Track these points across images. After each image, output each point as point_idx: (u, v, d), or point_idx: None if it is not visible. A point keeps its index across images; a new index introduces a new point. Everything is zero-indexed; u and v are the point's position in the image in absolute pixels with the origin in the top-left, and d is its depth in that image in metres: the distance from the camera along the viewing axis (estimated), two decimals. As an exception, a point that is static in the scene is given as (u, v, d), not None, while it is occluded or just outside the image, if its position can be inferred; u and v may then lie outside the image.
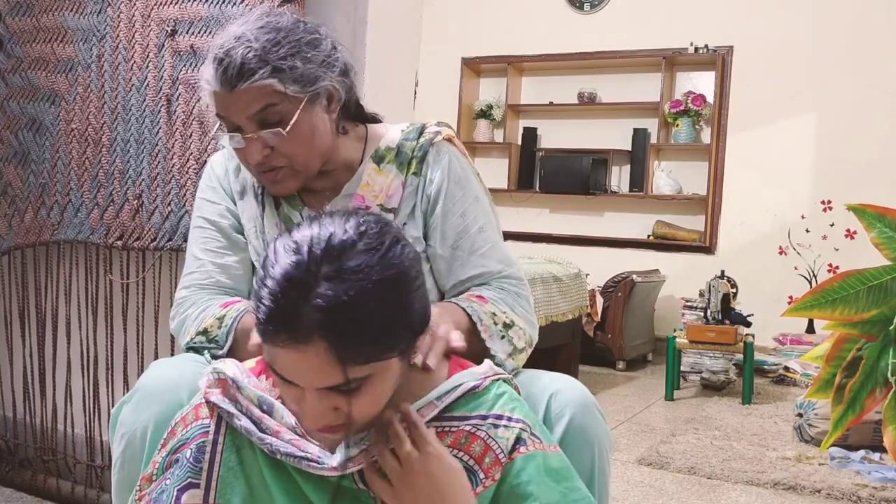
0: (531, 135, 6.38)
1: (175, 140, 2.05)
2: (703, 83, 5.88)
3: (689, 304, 4.85)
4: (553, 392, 1.21)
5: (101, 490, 2.24)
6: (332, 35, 1.31)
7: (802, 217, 5.46)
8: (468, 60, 6.56)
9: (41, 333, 2.36)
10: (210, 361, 1.28)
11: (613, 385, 4.68)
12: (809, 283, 5.19)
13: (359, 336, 0.90)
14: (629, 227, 6.08)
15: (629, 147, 6.03)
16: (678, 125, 5.84)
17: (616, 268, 5.35)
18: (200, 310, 1.35)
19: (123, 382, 2.22)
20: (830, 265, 5.19)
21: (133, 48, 2.11)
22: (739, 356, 4.46)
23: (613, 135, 6.08)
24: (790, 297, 5.22)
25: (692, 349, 4.42)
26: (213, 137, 1.32)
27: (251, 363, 1.13)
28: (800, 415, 3.45)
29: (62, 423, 2.34)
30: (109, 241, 2.14)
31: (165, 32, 2.06)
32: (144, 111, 2.10)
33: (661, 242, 5.93)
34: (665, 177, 5.92)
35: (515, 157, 6.43)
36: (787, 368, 4.74)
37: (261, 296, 0.91)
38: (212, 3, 2.00)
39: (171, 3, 2.05)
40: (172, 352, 2.07)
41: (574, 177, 5.97)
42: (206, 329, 1.31)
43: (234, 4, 1.97)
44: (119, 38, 2.14)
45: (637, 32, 5.94)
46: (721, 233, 5.78)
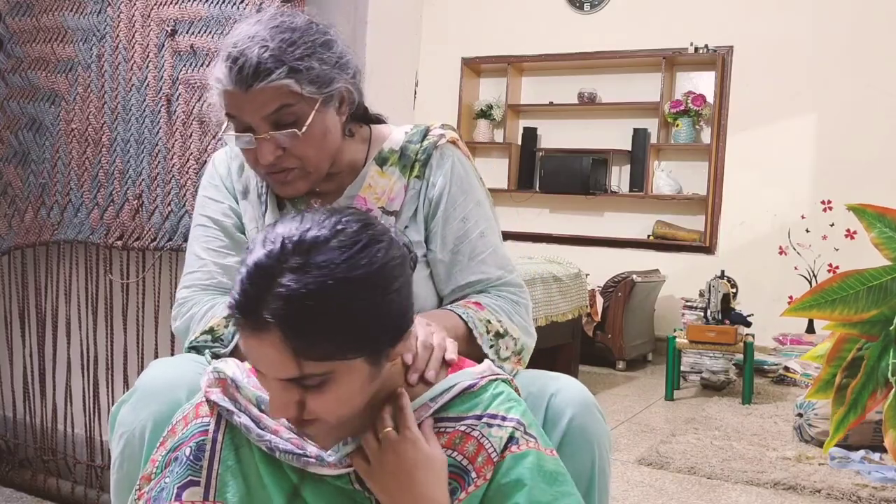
0: (531, 135, 6.37)
1: (175, 140, 2.05)
2: (703, 83, 5.88)
3: (689, 304, 4.85)
4: (553, 392, 1.21)
5: (101, 490, 2.24)
6: (341, 36, 1.30)
7: (802, 217, 5.46)
8: (468, 60, 6.56)
9: (41, 333, 2.37)
10: (210, 361, 1.28)
11: (613, 385, 4.68)
12: (809, 283, 5.19)
13: (314, 331, 0.90)
14: (629, 227, 6.08)
15: (629, 147, 6.03)
16: (678, 125, 5.84)
17: (616, 268, 5.35)
18: (206, 308, 1.34)
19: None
20: (830, 265, 5.19)
21: (133, 48, 2.11)
22: (739, 356, 4.46)
23: (613, 135, 6.07)
24: (790, 297, 5.22)
25: (692, 349, 4.42)
26: (220, 138, 1.30)
27: None
28: (800, 415, 3.45)
29: (62, 423, 2.35)
30: (109, 241, 2.14)
31: (165, 32, 2.06)
32: (144, 111, 2.10)
33: (661, 242, 5.93)
34: (665, 177, 5.92)
35: (515, 157, 6.42)
36: (787, 368, 4.74)
37: (235, 284, 0.93)
38: (212, 3, 2.00)
39: (171, 3, 2.05)
40: (172, 352, 2.07)
41: (574, 177, 5.97)
42: (213, 328, 1.31)
43: (234, 4, 1.97)
44: (119, 38, 2.14)
45: (637, 32, 5.94)
46: (721, 233, 5.78)
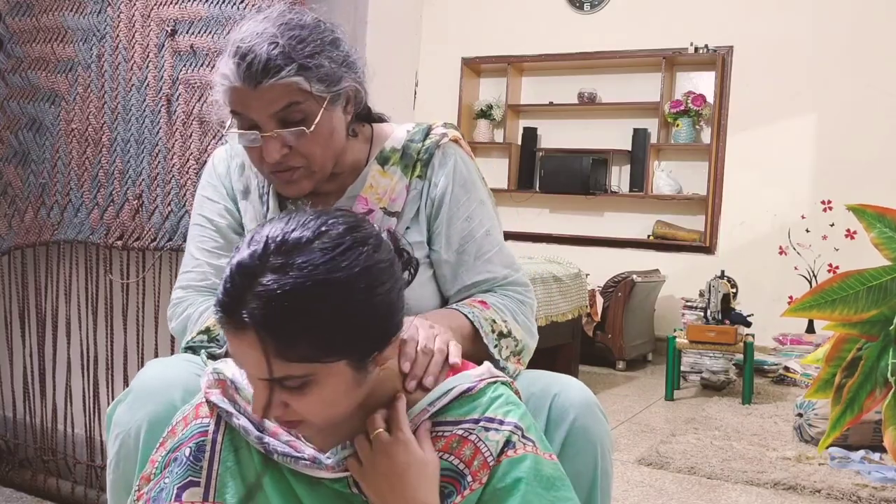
0: (531, 135, 6.37)
1: (175, 140, 2.05)
2: (703, 83, 5.88)
3: (689, 304, 4.85)
4: (555, 393, 1.21)
5: (101, 490, 2.24)
6: (346, 35, 1.30)
7: (802, 217, 5.46)
8: (468, 60, 6.56)
9: (41, 333, 2.36)
10: (205, 361, 1.28)
11: (613, 385, 4.68)
12: (809, 283, 5.19)
13: (291, 332, 0.89)
14: (629, 227, 6.08)
15: (629, 147, 6.03)
16: (678, 125, 5.84)
17: (616, 268, 5.35)
18: (202, 309, 1.34)
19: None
20: (830, 265, 5.19)
21: (133, 48, 2.11)
22: (739, 356, 4.46)
23: (613, 135, 6.07)
24: (790, 297, 5.22)
25: (692, 349, 4.42)
26: (224, 135, 1.29)
27: None
28: (800, 415, 3.45)
29: (62, 423, 2.34)
30: (109, 241, 2.14)
31: (165, 32, 2.06)
32: (144, 111, 2.10)
33: (661, 242, 5.93)
34: (665, 177, 5.92)
35: (515, 157, 6.42)
36: (787, 368, 4.74)
37: (220, 283, 0.93)
38: (212, 3, 1.99)
39: (171, 3, 2.05)
40: (172, 352, 2.07)
41: (574, 177, 5.97)
42: (209, 328, 1.31)
43: (234, 4, 1.97)
44: (119, 38, 2.13)
45: (637, 32, 5.94)
46: (721, 233, 5.78)
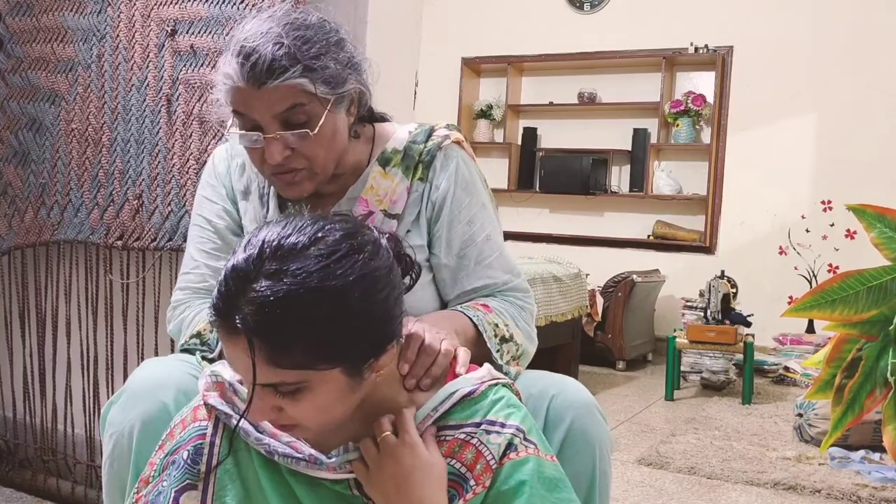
0: (531, 135, 6.37)
1: (175, 140, 2.05)
2: (703, 83, 5.88)
3: (689, 304, 4.85)
4: (554, 394, 1.21)
5: (101, 490, 2.24)
6: (350, 35, 1.28)
7: (802, 217, 5.46)
8: (468, 60, 6.56)
9: (41, 333, 2.36)
10: (200, 362, 1.28)
11: (613, 385, 4.68)
12: (809, 283, 5.19)
13: (284, 339, 0.89)
14: (629, 227, 6.08)
15: (629, 147, 6.03)
16: (678, 125, 5.83)
17: (616, 268, 5.35)
18: (196, 312, 1.35)
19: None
20: (830, 265, 5.19)
21: (133, 48, 2.11)
22: (739, 356, 4.46)
23: (613, 135, 6.07)
24: (790, 297, 5.22)
25: (692, 349, 4.42)
26: (225, 134, 1.29)
27: None
28: (800, 415, 3.45)
29: (62, 423, 2.34)
30: (109, 241, 2.14)
31: (165, 32, 2.06)
32: (144, 111, 2.10)
33: (661, 242, 5.93)
34: (665, 177, 5.91)
35: (515, 157, 6.42)
36: (787, 368, 4.74)
37: (216, 286, 0.93)
38: (212, 3, 1.99)
39: (171, 3, 2.05)
40: (172, 352, 2.07)
41: (574, 177, 5.97)
42: (200, 332, 1.31)
43: (234, 4, 1.97)
44: (119, 38, 2.13)
45: (637, 32, 5.94)
46: (721, 233, 5.78)
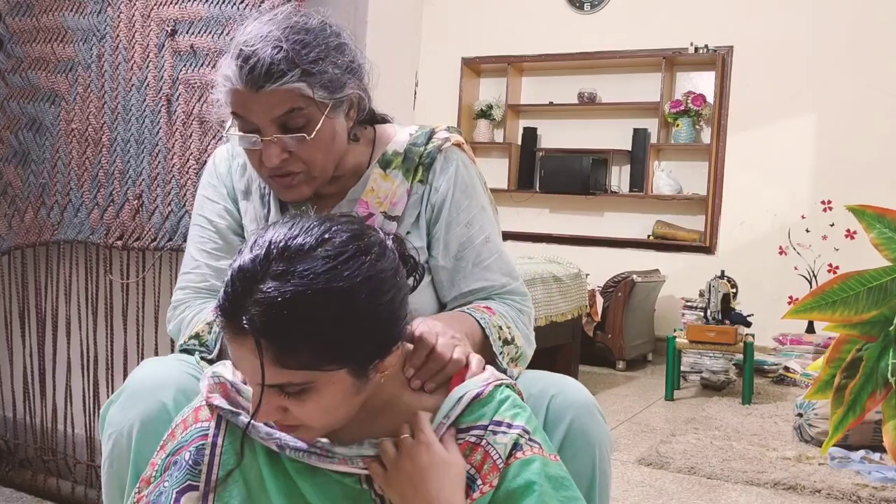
0: (531, 135, 6.37)
1: (175, 140, 2.05)
2: (703, 83, 5.88)
3: (689, 304, 4.85)
4: (554, 394, 1.21)
5: (101, 490, 2.24)
6: (352, 38, 1.27)
7: (802, 217, 5.46)
8: (468, 60, 6.55)
9: (41, 333, 2.36)
10: (199, 362, 1.28)
11: (613, 385, 4.68)
12: (809, 284, 5.19)
13: (290, 340, 0.89)
14: (629, 227, 6.08)
15: (629, 147, 6.03)
16: (678, 125, 5.83)
17: (616, 268, 5.35)
18: (194, 313, 1.35)
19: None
20: (830, 265, 5.19)
21: (133, 48, 2.11)
22: (739, 356, 4.46)
23: (613, 135, 6.07)
24: (790, 297, 5.23)
25: (692, 349, 4.42)
26: (224, 136, 1.28)
27: None
28: (800, 415, 3.45)
29: (62, 423, 2.34)
30: (109, 241, 2.14)
31: (165, 32, 2.06)
32: (144, 111, 2.10)
33: (661, 242, 5.92)
34: (665, 177, 5.91)
35: (515, 157, 6.42)
36: (787, 368, 4.74)
37: (222, 287, 0.93)
38: (212, 3, 1.99)
39: (171, 3, 2.05)
40: (172, 352, 2.07)
41: (574, 177, 5.97)
42: (198, 333, 1.31)
43: (234, 4, 1.97)
44: (119, 38, 2.13)
45: (637, 32, 5.94)
46: (721, 233, 5.78)
